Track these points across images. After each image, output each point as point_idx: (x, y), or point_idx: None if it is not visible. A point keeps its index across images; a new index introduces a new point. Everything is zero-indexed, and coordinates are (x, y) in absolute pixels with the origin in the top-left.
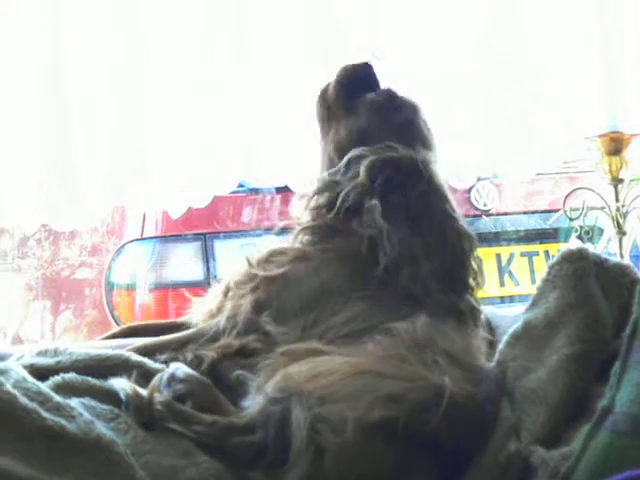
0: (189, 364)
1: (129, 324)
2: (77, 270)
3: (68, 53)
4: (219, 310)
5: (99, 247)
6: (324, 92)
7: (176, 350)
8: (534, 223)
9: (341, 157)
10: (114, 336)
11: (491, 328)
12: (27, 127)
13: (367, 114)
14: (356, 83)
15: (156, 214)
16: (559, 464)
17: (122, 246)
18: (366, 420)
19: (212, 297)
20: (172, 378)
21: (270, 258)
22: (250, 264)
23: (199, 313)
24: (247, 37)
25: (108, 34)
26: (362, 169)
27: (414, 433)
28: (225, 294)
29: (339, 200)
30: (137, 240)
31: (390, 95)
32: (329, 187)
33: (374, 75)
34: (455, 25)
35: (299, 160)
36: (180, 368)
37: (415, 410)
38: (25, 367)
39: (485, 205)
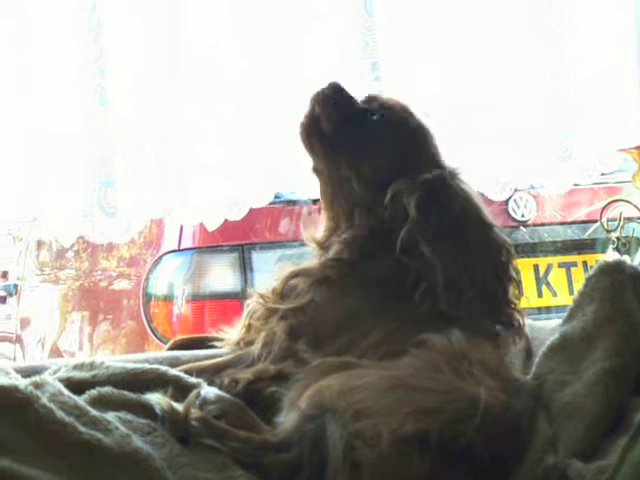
0: (225, 388)
1: (182, 337)
2: (115, 281)
3: (109, 67)
4: (246, 343)
5: (137, 258)
6: (313, 127)
7: (212, 375)
8: (572, 234)
9: (374, 193)
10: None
11: (528, 340)
12: (67, 141)
13: (390, 141)
14: (343, 107)
15: (193, 226)
16: (595, 477)
17: (159, 257)
18: (400, 433)
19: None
20: (204, 401)
21: (289, 284)
22: (265, 300)
23: (227, 343)
24: (284, 49)
25: (146, 45)
26: (412, 208)
27: (449, 445)
28: (248, 329)
29: (399, 242)
30: (174, 251)
31: (389, 108)
32: (372, 223)
33: (349, 92)
34: (493, 38)
35: None
36: (210, 391)
37: (449, 422)
38: (61, 380)
39: (523, 216)
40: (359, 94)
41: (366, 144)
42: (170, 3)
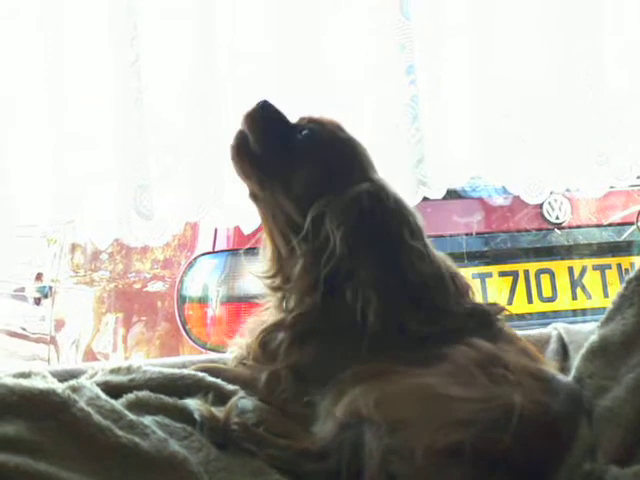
0: None
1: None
2: (149, 283)
3: (145, 71)
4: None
5: (171, 260)
6: (242, 147)
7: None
8: (607, 236)
9: (303, 213)
10: None
11: (564, 344)
12: (102, 144)
13: (314, 157)
14: (273, 126)
15: (228, 228)
16: None
17: (194, 259)
18: (433, 447)
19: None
20: (241, 412)
21: (265, 341)
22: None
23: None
24: (319, 52)
25: (181, 48)
26: (338, 241)
27: (486, 453)
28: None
29: (321, 278)
30: (209, 253)
31: (317, 123)
32: (311, 263)
33: (278, 110)
34: (529, 42)
35: None
36: (247, 401)
37: (483, 431)
38: (98, 385)
39: (557, 218)
40: (394, 98)
41: (295, 161)
42: (205, 6)
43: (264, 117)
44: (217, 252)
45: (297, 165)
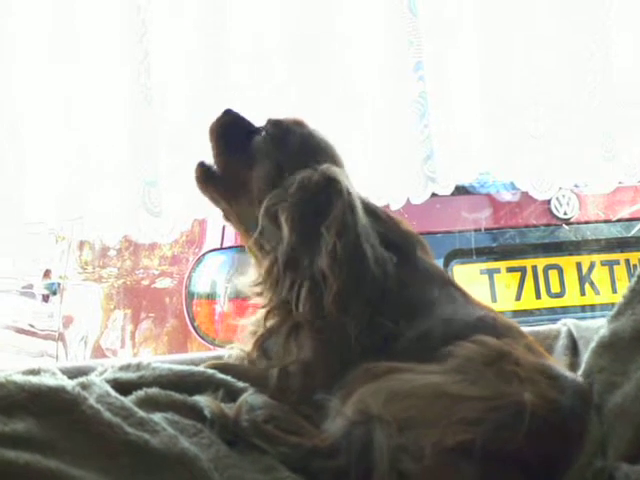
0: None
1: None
2: (157, 279)
3: (154, 67)
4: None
5: (179, 257)
6: (203, 177)
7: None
8: (615, 232)
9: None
10: None
11: (573, 340)
12: (112, 141)
13: (267, 155)
14: (234, 134)
15: None
16: None
17: (202, 256)
18: (442, 446)
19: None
20: (251, 409)
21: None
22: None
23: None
24: (328, 48)
25: (190, 45)
26: (286, 232)
27: (496, 453)
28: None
29: (281, 274)
30: (217, 250)
31: (274, 123)
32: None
33: (241, 117)
34: (538, 39)
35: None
36: (257, 397)
37: (493, 430)
38: (108, 382)
39: (566, 214)
40: (402, 94)
41: (252, 164)
42: (214, 2)
43: (225, 130)
44: (225, 248)
45: (254, 168)
